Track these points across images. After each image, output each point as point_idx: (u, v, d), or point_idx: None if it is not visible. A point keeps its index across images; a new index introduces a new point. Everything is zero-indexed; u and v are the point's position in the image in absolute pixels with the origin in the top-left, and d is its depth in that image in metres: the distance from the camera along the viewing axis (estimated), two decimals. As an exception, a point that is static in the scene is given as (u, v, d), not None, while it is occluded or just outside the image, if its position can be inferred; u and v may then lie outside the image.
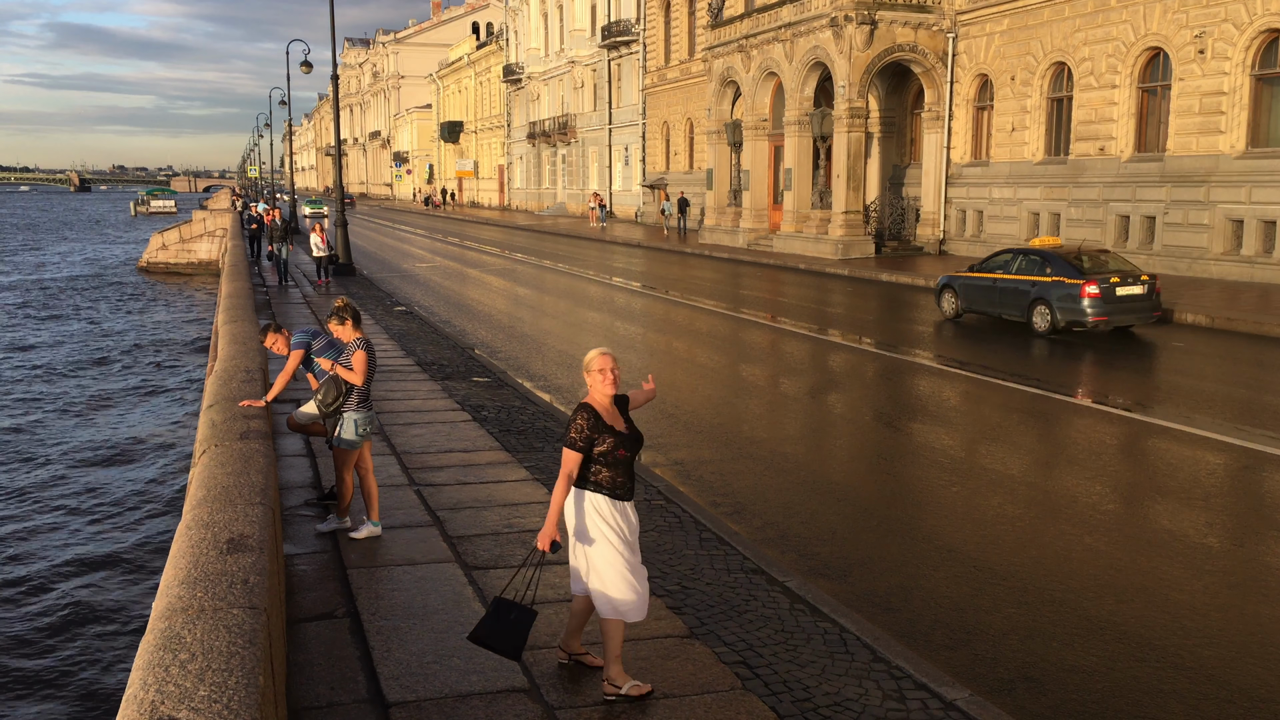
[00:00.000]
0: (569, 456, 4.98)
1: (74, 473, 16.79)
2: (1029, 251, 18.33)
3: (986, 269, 18.84)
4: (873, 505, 8.89)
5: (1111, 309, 16.74)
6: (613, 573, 5.04)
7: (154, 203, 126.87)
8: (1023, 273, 17.90)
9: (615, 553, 5.03)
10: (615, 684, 5.13)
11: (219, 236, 46.97)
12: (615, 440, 5.00)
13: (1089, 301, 16.61)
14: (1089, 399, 13.05)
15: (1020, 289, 17.76)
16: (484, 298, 25.30)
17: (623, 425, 5.14)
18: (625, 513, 5.10)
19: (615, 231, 48.63)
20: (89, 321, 34.11)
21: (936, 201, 31.83)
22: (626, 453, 5.06)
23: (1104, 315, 16.67)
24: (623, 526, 5.07)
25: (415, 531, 7.61)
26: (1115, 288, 16.80)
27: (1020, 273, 17.95)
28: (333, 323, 7.58)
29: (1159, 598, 6.77)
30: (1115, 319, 16.88)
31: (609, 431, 5.00)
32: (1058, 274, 17.17)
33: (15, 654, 10.44)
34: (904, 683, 5.39)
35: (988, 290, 18.56)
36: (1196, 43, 23.23)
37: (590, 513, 5.05)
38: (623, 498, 5.09)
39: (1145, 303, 17.15)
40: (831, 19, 30.71)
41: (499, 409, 11.82)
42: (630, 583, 5.05)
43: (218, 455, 6.52)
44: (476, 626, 5.15)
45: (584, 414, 5.00)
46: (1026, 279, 17.71)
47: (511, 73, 77.60)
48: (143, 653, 3.69)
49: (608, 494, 5.04)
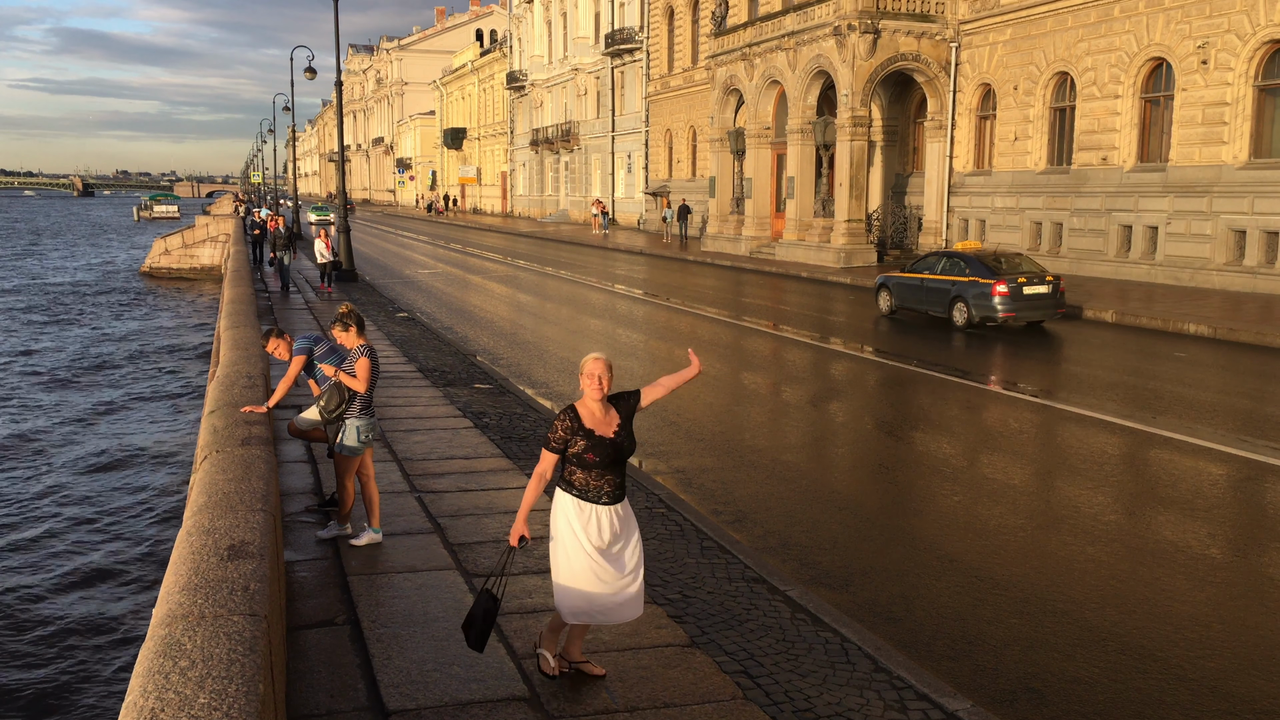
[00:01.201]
0: (543, 456, 5.14)
1: (74, 479, 16.77)
2: (951, 254, 20.25)
3: (916, 270, 20.65)
4: (874, 514, 8.87)
5: (1019, 306, 18.49)
6: (566, 573, 5.11)
7: (157, 208, 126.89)
8: (946, 273, 19.69)
9: (572, 553, 5.08)
10: (542, 650, 5.41)
11: (222, 242, 47.01)
12: (586, 444, 5.04)
13: (999, 299, 18.42)
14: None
15: (943, 288, 19.58)
16: (486, 304, 25.31)
17: (608, 429, 5.12)
18: (594, 516, 5.08)
19: (618, 239, 48.67)
20: (91, 326, 34.13)
21: (939, 210, 31.84)
22: (595, 456, 5.04)
23: (1012, 312, 18.47)
24: (589, 530, 5.07)
25: (416, 539, 7.60)
26: (1022, 287, 18.54)
27: (944, 273, 19.74)
28: (336, 329, 7.57)
29: (1141, 598, 6.76)
30: (1023, 315, 18.64)
31: (583, 434, 5.06)
32: (974, 274, 18.96)
33: (14, 665, 10.42)
34: (905, 693, 5.37)
35: (916, 289, 20.36)
36: (1199, 53, 23.25)
37: (557, 511, 5.16)
38: (593, 500, 5.08)
39: (1050, 300, 18.82)
40: (835, 28, 30.76)
41: (501, 416, 11.82)
42: (580, 590, 5.07)
43: (219, 461, 6.52)
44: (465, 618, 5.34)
45: (565, 416, 5.12)
46: (948, 279, 19.50)
47: (515, 80, 77.76)
48: (143, 660, 3.68)
49: (577, 495, 5.10)
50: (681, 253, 39.41)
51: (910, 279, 20.60)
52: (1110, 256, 25.92)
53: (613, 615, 5.20)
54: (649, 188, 54.12)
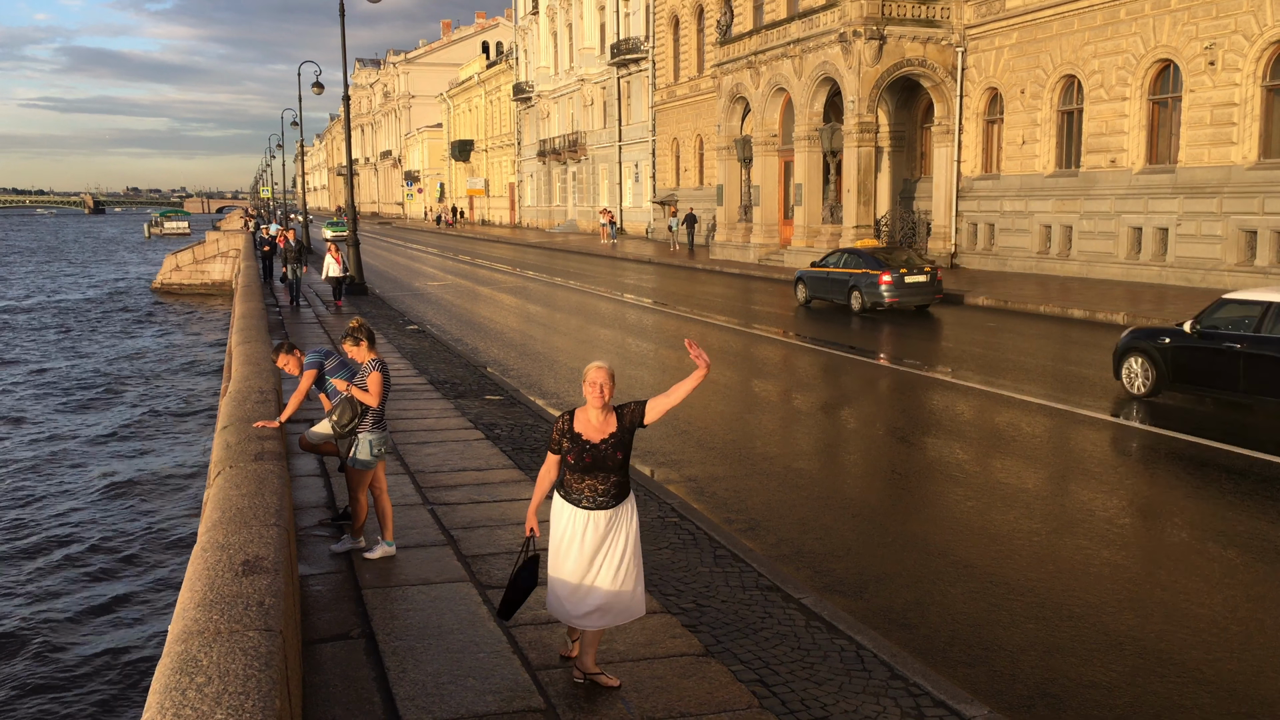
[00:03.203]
0: (547, 458, 5.44)
1: (88, 499, 16.83)
2: (850, 250, 23.97)
3: (823, 265, 24.22)
4: (887, 520, 8.85)
5: (902, 293, 21.95)
6: (552, 566, 5.38)
7: (167, 224, 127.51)
8: (846, 267, 23.15)
9: (554, 549, 5.34)
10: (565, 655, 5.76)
11: (232, 257, 47.21)
12: (571, 447, 5.27)
13: (885, 288, 21.88)
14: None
15: (842, 279, 23.10)
16: (496, 315, 25.36)
17: (597, 436, 5.26)
18: (574, 519, 5.27)
19: (626, 248, 48.72)
20: (104, 343, 34.29)
21: (947, 215, 31.79)
22: (573, 460, 5.25)
23: (896, 298, 21.93)
24: (573, 531, 5.27)
25: (429, 551, 7.61)
26: (904, 277, 21.94)
27: (844, 267, 23.20)
28: (347, 344, 7.59)
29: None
30: (905, 300, 22.08)
31: (570, 438, 5.28)
32: (865, 267, 22.47)
33: (31, 686, 10.45)
34: (922, 700, 5.35)
35: (824, 281, 23.91)
36: (1207, 54, 23.20)
37: (552, 509, 5.45)
38: (573, 503, 5.29)
39: (929, 287, 22.31)
40: (840, 34, 30.78)
41: (512, 427, 11.83)
42: (560, 579, 5.31)
43: (232, 477, 6.54)
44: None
45: (561, 418, 5.38)
46: (847, 271, 22.97)
47: (521, 91, 77.98)
48: (159, 676, 3.69)
49: (563, 495, 5.35)
50: (690, 261, 39.43)
51: (820, 272, 24.08)
52: (1121, 259, 25.84)
53: (584, 620, 5.32)
54: (657, 197, 54.18)
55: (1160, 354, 12.61)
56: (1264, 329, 11.35)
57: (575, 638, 5.70)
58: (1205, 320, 12.15)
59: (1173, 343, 12.45)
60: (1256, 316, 11.51)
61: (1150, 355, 12.76)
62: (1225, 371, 11.77)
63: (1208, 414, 12.39)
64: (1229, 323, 11.89)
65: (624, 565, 5.32)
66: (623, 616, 5.39)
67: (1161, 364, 12.59)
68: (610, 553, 5.29)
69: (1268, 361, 11.25)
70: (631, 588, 5.36)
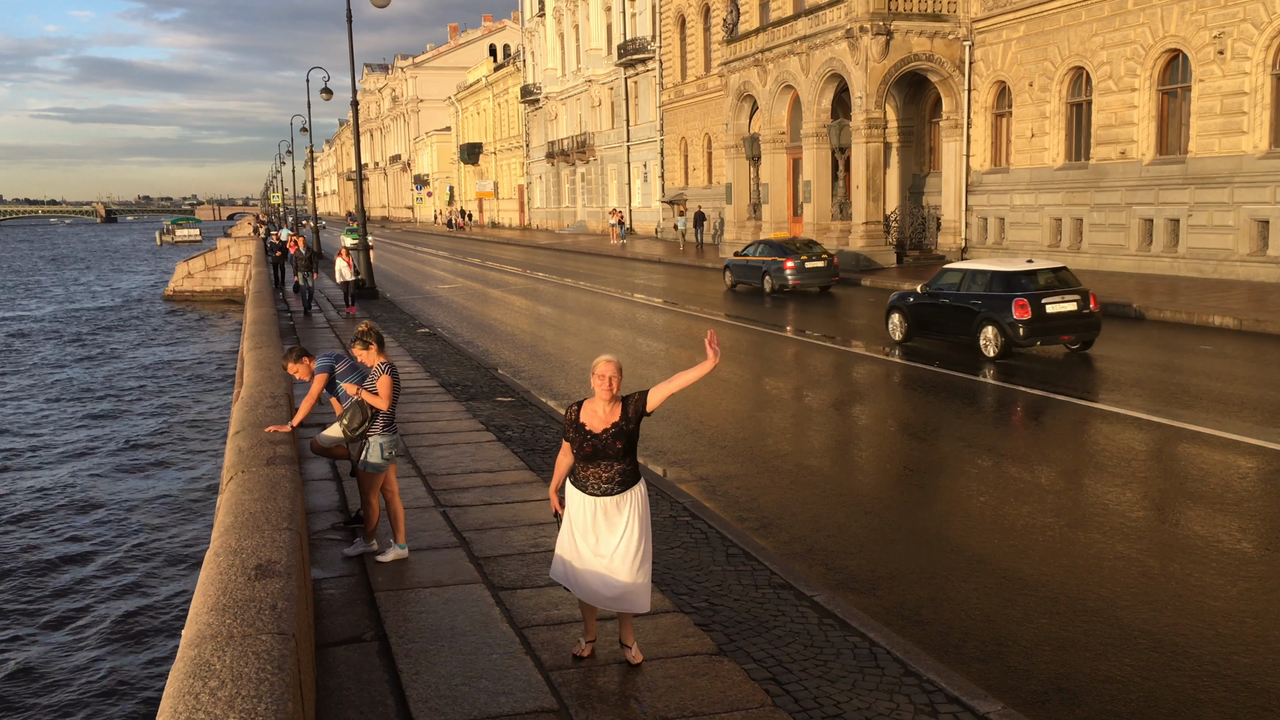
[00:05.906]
0: (562, 445, 5.73)
1: (101, 506, 16.92)
2: (765, 241, 28.53)
3: (745, 254, 28.27)
4: (900, 517, 8.83)
5: (803, 277, 26.04)
6: (559, 539, 5.71)
7: (179, 232, 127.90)
8: (762, 255, 27.17)
9: (566, 532, 5.64)
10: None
11: (243, 264, 47.37)
12: (577, 438, 5.56)
13: (789, 272, 25.94)
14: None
15: (758, 266, 27.05)
16: (506, 317, 25.39)
17: (599, 426, 5.51)
18: (584, 504, 5.54)
19: (635, 248, 48.70)
20: (118, 351, 34.47)
21: (957, 210, 31.69)
22: (577, 449, 5.54)
23: (798, 280, 25.98)
24: (580, 516, 5.55)
25: (442, 553, 7.62)
26: (805, 263, 26.02)
27: (761, 255, 27.19)
28: (357, 347, 7.61)
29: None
30: (805, 283, 26.12)
31: (574, 427, 5.58)
32: (774, 255, 26.62)
33: (44, 696, 10.51)
34: (936, 697, 5.34)
35: (745, 268, 27.83)
36: (1216, 43, 23.08)
37: (566, 494, 5.75)
38: (579, 488, 5.57)
39: (827, 271, 26.34)
40: (847, 30, 30.72)
41: (523, 428, 11.84)
42: (563, 559, 5.65)
43: (245, 481, 6.57)
44: None
45: (570, 410, 5.67)
46: (762, 259, 26.96)
47: (529, 93, 78.04)
48: (173, 680, 3.71)
49: (573, 483, 5.64)
50: (699, 260, 39.39)
51: (742, 261, 28.15)
52: (1132, 251, 25.73)
53: (593, 596, 5.57)
54: (666, 196, 54.17)
55: (907, 309, 17.22)
56: (962, 288, 16.11)
57: (590, 639, 5.81)
58: (932, 285, 16.86)
59: (914, 301, 17.08)
60: (957, 281, 16.32)
61: (903, 311, 17.33)
62: (937, 320, 16.67)
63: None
64: (945, 285, 16.56)
65: (630, 550, 5.49)
66: (626, 602, 5.54)
67: (909, 317, 17.16)
68: (617, 536, 5.50)
69: (961, 311, 16.01)
70: (632, 576, 5.49)
